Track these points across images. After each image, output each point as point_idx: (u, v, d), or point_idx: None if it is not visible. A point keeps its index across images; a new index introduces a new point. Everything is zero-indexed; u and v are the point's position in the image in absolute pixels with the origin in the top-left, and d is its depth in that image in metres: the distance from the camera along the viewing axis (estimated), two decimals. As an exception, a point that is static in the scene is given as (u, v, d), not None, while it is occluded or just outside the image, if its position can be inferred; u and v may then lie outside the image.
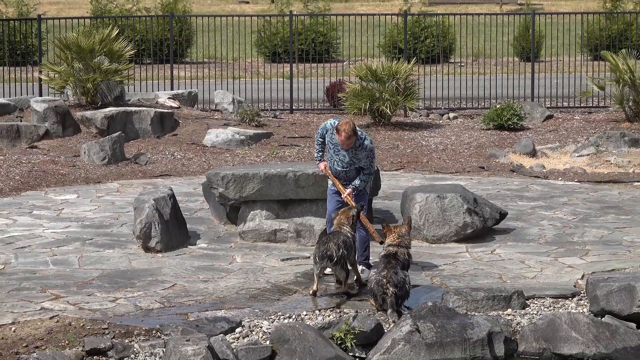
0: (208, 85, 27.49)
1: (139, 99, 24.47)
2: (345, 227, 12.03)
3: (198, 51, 32.97)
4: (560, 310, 11.27)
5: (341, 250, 11.68)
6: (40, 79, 25.68)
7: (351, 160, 12.38)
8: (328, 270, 12.05)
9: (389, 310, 11.05)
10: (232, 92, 25.86)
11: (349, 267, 11.92)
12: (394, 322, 10.82)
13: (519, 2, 51.16)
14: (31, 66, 28.82)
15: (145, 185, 17.65)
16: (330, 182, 12.70)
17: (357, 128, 12.37)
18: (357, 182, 12.38)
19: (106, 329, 10.45)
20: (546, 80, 27.64)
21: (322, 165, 12.76)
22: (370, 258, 12.64)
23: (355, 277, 12.13)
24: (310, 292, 11.78)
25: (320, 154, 12.80)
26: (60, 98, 23.38)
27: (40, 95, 25.06)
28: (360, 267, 12.33)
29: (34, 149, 20.81)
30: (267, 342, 10.26)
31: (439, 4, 48.62)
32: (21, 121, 22.09)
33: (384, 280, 11.18)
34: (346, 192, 12.33)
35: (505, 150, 21.20)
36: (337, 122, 12.37)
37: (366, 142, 12.37)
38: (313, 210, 14.15)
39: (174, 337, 9.92)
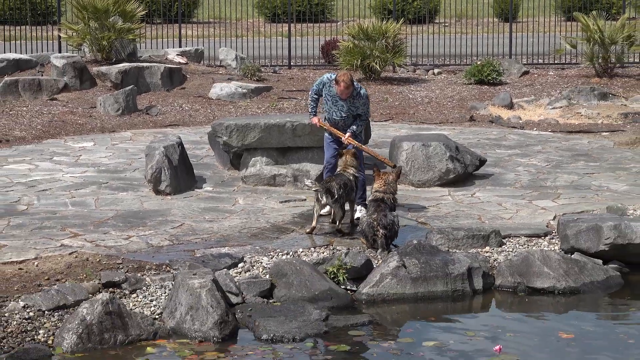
0: (213, 43, 27.36)
1: (149, 56, 24.38)
2: (349, 170, 12.04)
3: (204, 12, 32.77)
4: (534, 248, 11.29)
5: (342, 190, 11.73)
6: (59, 37, 25.57)
7: (349, 108, 12.35)
8: (324, 211, 12.08)
9: (380, 250, 11.10)
10: (235, 49, 25.73)
11: (347, 207, 11.98)
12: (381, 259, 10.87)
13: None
14: (51, 25, 28.63)
15: (155, 134, 17.62)
16: (326, 132, 12.65)
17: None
18: (354, 127, 12.36)
19: (120, 264, 10.48)
20: (523, 39, 27.54)
21: (315, 120, 12.67)
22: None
23: (350, 217, 12.18)
24: (308, 230, 11.80)
25: (314, 109, 12.72)
26: (77, 54, 23.32)
27: (60, 52, 24.93)
28: (358, 207, 12.37)
29: (54, 101, 20.75)
30: (267, 276, 10.28)
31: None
32: (42, 75, 22.04)
33: (375, 222, 11.22)
34: (346, 136, 12.31)
35: (485, 103, 21.17)
36: (333, 76, 12.33)
37: (362, 91, 12.37)
38: (309, 157, 14.14)
39: (182, 272, 9.94)
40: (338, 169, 12.20)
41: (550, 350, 8.92)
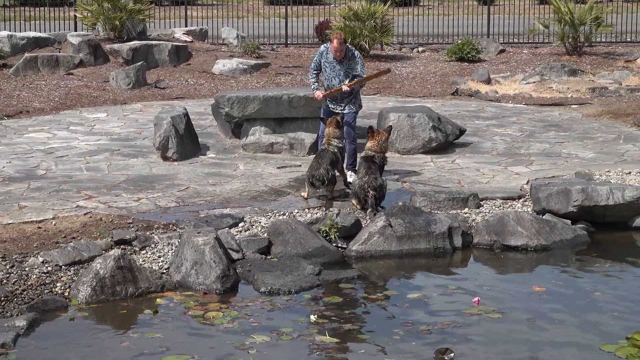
0: (216, 23, 27.23)
1: (158, 34, 24.25)
2: (333, 142, 11.90)
3: (208, -5, 32.61)
4: (508, 209, 11.28)
5: (329, 173, 11.59)
6: (75, 17, 25.42)
7: (346, 71, 12.25)
8: None
9: (369, 209, 11.07)
10: (236, 29, 25.61)
11: (337, 174, 11.90)
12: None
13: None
14: (67, 6, 28.48)
15: (163, 105, 17.51)
16: (322, 108, 12.55)
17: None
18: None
19: (131, 223, 10.44)
20: (500, 20, 27.42)
21: (317, 93, 12.54)
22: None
23: (344, 180, 12.12)
24: (303, 194, 11.75)
25: (315, 84, 12.59)
26: (92, 33, 23.17)
27: (75, 30, 24.80)
28: (348, 172, 12.31)
29: (70, 76, 20.66)
30: (265, 235, 10.26)
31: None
32: (59, 52, 21.94)
33: (366, 185, 11.18)
34: (345, 82, 12.21)
35: (465, 79, 21.10)
36: (328, 45, 12.28)
37: (355, 52, 12.33)
38: (304, 127, 14.10)
39: (187, 230, 9.92)
40: (323, 142, 12.04)
41: (524, 301, 8.92)
